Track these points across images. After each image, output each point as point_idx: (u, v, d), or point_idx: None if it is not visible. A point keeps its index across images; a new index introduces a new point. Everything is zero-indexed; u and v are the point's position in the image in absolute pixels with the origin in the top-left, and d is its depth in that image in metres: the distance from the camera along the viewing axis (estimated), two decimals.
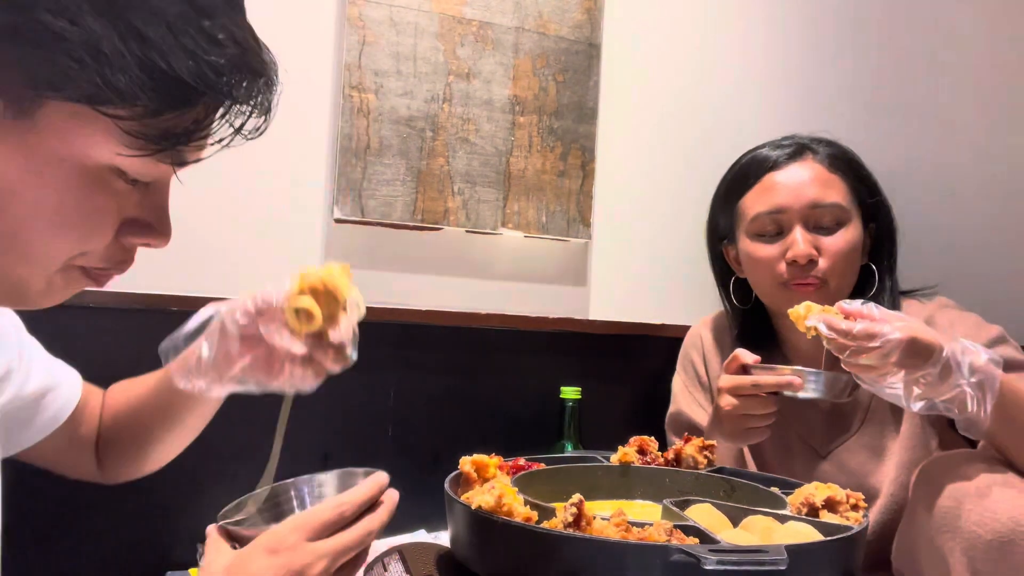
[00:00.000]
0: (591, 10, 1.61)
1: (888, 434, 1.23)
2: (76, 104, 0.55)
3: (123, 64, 0.54)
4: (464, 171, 1.51)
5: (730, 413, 1.15)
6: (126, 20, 0.54)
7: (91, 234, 0.61)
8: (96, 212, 0.60)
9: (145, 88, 0.55)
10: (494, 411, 1.53)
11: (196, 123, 0.59)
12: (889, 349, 0.92)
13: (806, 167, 1.26)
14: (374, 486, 0.74)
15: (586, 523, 0.75)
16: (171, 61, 0.55)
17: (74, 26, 0.53)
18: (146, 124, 0.57)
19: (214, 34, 0.57)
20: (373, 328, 1.47)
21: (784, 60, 1.80)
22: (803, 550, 0.72)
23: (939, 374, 0.92)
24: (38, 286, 0.63)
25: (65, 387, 0.93)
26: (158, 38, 0.55)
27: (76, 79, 0.54)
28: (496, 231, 1.54)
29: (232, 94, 0.59)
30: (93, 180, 0.59)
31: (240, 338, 0.78)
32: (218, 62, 0.57)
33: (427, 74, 1.48)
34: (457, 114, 1.50)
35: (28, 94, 0.54)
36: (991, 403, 0.93)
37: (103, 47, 0.53)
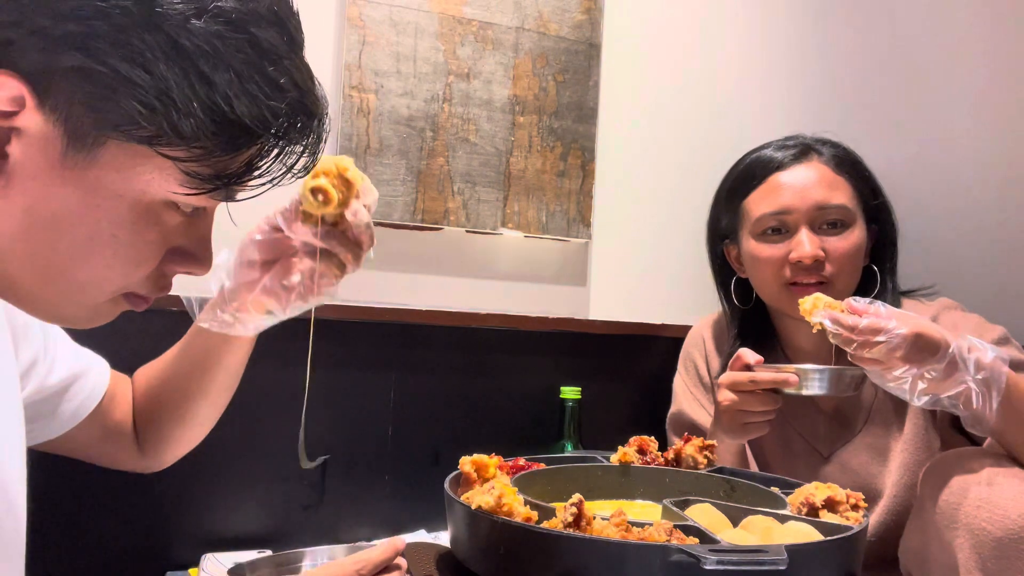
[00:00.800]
0: (591, 10, 1.61)
1: (891, 435, 1.23)
2: (138, 145, 0.57)
3: (189, 109, 0.56)
4: (464, 171, 1.51)
5: (728, 408, 1.15)
6: (196, 67, 0.56)
7: (140, 266, 0.63)
8: (147, 245, 0.62)
9: (207, 131, 0.57)
10: (494, 411, 1.53)
11: (250, 163, 0.61)
12: (895, 344, 0.93)
13: (812, 168, 1.26)
14: (390, 548, 0.76)
15: (586, 523, 0.75)
16: (235, 106, 0.57)
17: (148, 74, 0.55)
18: (203, 164, 0.59)
19: (276, 79, 0.59)
20: (373, 328, 1.48)
21: (784, 60, 1.80)
22: (803, 550, 0.72)
23: (944, 370, 0.93)
24: (85, 314, 0.65)
25: (92, 375, 0.93)
26: (224, 84, 0.56)
27: (143, 122, 0.56)
28: (496, 231, 1.54)
29: (288, 136, 0.61)
30: (146, 214, 0.60)
31: (258, 261, 0.80)
32: (278, 107, 0.59)
33: (427, 74, 1.48)
34: (457, 114, 1.50)
35: (92, 132, 0.56)
36: (997, 400, 0.93)
37: (173, 93, 0.55)
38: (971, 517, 0.89)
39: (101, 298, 0.64)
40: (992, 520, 0.87)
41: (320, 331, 1.46)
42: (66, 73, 0.54)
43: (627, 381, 1.64)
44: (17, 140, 0.56)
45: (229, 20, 0.57)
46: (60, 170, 0.57)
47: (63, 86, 0.55)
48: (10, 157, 0.56)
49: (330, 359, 1.41)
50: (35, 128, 0.56)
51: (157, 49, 0.55)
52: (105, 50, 0.54)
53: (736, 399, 1.14)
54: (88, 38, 0.54)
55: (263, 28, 0.59)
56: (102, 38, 0.54)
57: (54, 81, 0.55)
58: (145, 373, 1.00)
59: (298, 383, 1.42)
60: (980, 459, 0.97)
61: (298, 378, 1.41)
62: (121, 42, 0.54)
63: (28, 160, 0.56)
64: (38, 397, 0.86)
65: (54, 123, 0.56)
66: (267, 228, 0.81)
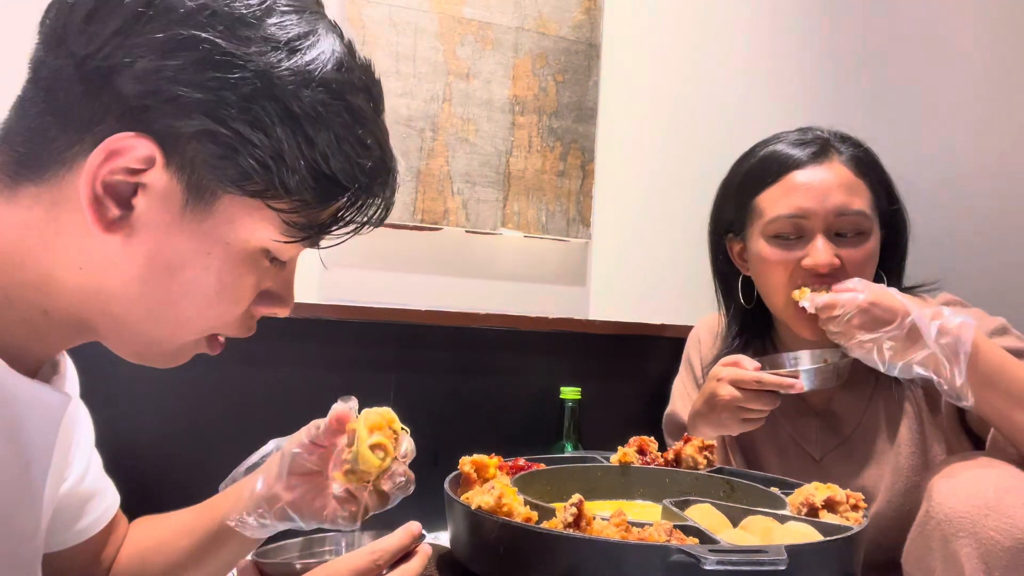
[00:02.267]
0: (591, 10, 1.61)
1: (885, 439, 1.23)
2: (250, 198, 0.64)
3: (296, 166, 0.63)
4: (464, 171, 1.51)
5: (729, 404, 1.15)
6: (303, 130, 0.63)
7: (236, 305, 0.69)
8: (245, 288, 0.68)
9: (307, 185, 0.64)
10: (494, 411, 1.53)
11: (336, 213, 0.68)
12: (847, 314, 1.03)
13: (832, 170, 1.19)
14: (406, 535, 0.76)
15: (586, 523, 0.75)
16: (331, 163, 0.64)
17: (266, 136, 0.62)
18: (300, 215, 0.66)
19: (365, 140, 0.67)
20: (373, 328, 1.48)
21: (784, 60, 1.80)
22: (803, 550, 0.72)
23: (906, 337, 1.00)
24: (171, 350, 0.71)
25: (109, 496, 0.92)
26: (324, 144, 0.64)
27: (257, 179, 0.63)
28: (496, 231, 1.54)
29: (372, 190, 0.69)
30: (248, 260, 0.67)
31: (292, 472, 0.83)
32: (365, 164, 0.67)
33: (427, 74, 1.48)
34: (457, 114, 1.50)
35: (211, 188, 0.63)
36: (964, 363, 0.98)
37: (284, 153, 0.62)
38: (979, 526, 0.88)
39: (195, 336, 0.70)
40: (1000, 529, 0.86)
41: (320, 331, 1.46)
42: (194, 135, 0.61)
43: (627, 381, 1.64)
44: (143, 194, 0.62)
45: (330, 89, 0.64)
46: (179, 221, 0.63)
47: (189, 147, 0.61)
48: (136, 209, 0.62)
49: (330, 359, 1.42)
50: (160, 184, 0.62)
51: (274, 115, 0.62)
52: (231, 115, 0.61)
53: (739, 395, 1.14)
54: (218, 105, 0.60)
55: (356, 95, 0.66)
56: (230, 106, 0.60)
57: (181, 142, 0.61)
58: (144, 532, 0.97)
59: (299, 382, 1.42)
60: (987, 467, 0.96)
61: (300, 377, 1.42)
62: (245, 108, 0.61)
63: (151, 212, 0.62)
64: (65, 500, 0.84)
65: (178, 180, 0.62)
66: (306, 442, 0.84)
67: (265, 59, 0.62)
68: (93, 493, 0.90)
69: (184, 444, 1.32)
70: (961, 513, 0.90)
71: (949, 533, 0.91)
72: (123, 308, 0.66)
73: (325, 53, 0.65)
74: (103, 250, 0.63)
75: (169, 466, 1.30)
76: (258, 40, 0.62)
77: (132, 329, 0.67)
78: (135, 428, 1.29)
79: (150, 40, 0.59)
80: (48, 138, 0.62)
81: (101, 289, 0.65)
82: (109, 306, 0.66)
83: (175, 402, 1.32)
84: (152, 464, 1.28)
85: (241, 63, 0.61)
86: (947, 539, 0.91)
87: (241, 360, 1.34)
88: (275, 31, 0.63)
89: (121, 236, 0.62)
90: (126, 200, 0.62)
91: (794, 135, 1.27)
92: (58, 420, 0.71)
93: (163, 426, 1.32)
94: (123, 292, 0.65)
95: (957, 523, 0.90)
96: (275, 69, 0.62)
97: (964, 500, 0.91)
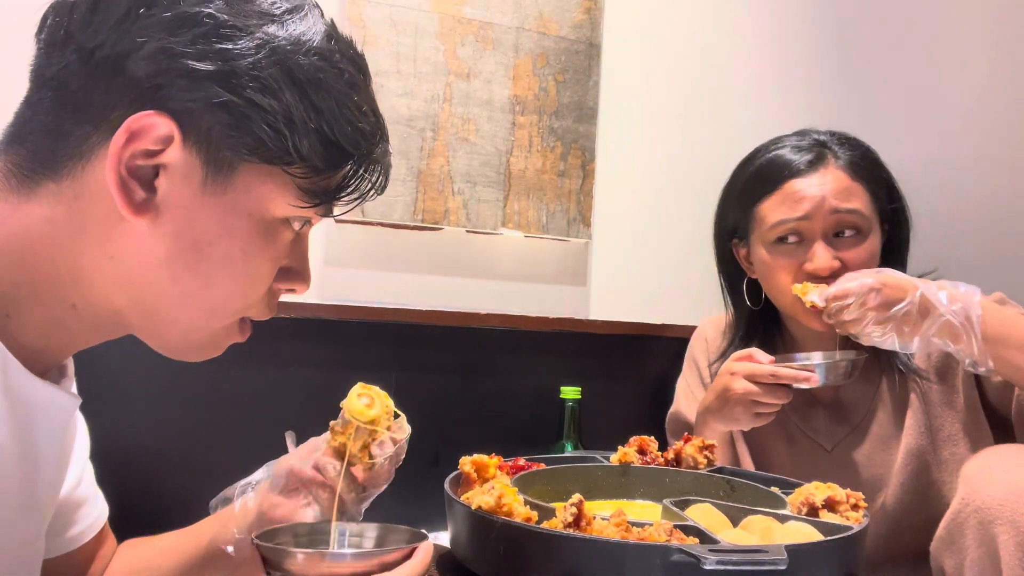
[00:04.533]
0: (591, 10, 1.61)
1: (895, 424, 1.24)
2: (266, 165, 0.66)
3: (306, 131, 0.65)
4: (464, 171, 1.51)
5: (743, 397, 1.16)
6: (308, 96, 0.65)
7: (262, 282, 0.71)
8: (267, 262, 0.70)
9: (317, 151, 0.66)
10: (494, 411, 1.53)
11: (345, 180, 0.71)
12: (862, 296, 1.04)
13: (828, 175, 1.22)
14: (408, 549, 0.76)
15: (586, 523, 0.75)
16: (335, 129, 0.67)
17: (276, 101, 0.64)
18: (312, 182, 0.68)
19: (361, 106, 0.69)
20: (373, 328, 1.48)
21: (784, 59, 1.80)
22: (803, 550, 0.72)
23: (918, 310, 1.02)
24: (205, 338, 0.72)
25: (99, 506, 0.92)
26: (328, 110, 0.66)
27: (272, 145, 0.64)
28: (496, 231, 1.54)
29: (373, 155, 0.71)
30: (268, 231, 0.69)
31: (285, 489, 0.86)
32: (366, 129, 0.70)
33: (427, 74, 1.48)
34: (457, 114, 1.50)
35: (229, 158, 0.64)
36: (978, 326, 1.01)
37: (295, 118, 0.64)
38: (1016, 512, 0.89)
39: (226, 320, 0.71)
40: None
41: (320, 331, 1.46)
42: (209, 108, 0.62)
43: (627, 381, 1.64)
44: (164, 175, 0.63)
45: (325, 56, 0.67)
46: (201, 197, 0.65)
47: (204, 120, 0.63)
48: (159, 191, 0.63)
49: (330, 359, 1.42)
50: (179, 161, 0.63)
51: (281, 81, 0.64)
52: (242, 84, 0.62)
53: (753, 389, 1.16)
54: (228, 75, 0.62)
55: (346, 64, 0.69)
56: (239, 74, 0.62)
57: (196, 116, 0.62)
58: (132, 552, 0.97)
59: (299, 382, 1.42)
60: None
61: (300, 377, 1.42)
62: (254, 76, 0.63)
63: (174, 191, 0.64)
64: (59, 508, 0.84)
65: (196, 154, 0.63)
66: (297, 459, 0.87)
67: (264, 29, 0.64)
68: (84, 501, 0.89)
69: (184, 444, 1.32)
70: (1000, 500, 0.91)
71: (986, 520, 0.92)
72: (155, 294, 0.67)
73: (315, 25, 0.67)
74: (131, 236, 0.64)
75: (169, 466, 1.30)
76: (255, 13, 0.64)
77: (165, 317, 0.69)
78: (135, 429, 1.29)
79: (155, 21, 0.61)
80: (62, 133, 0.63)
81: (133, 277, 0.66)
82: (142, 294, 0.67)
83: (175, 402, 1.32)
84: (152, 465, 1.28)
85: (244, 33, 0.63)
86: (984, 525, 0.92)
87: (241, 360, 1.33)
88: (268, 6, 0.65)
89: (148, 219, 0.63)
90: (149, 183, 0.63)
91: (792, 140, 1.29)
92: (66, 423, 0.72)
93: (163, 426, 1.32)
94: (155, 277, 0.66)
95: (995, 510, 0.91)
96: (275, 39, 0.64)
97: (1003, 488, 0.92)
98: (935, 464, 1.20)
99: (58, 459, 0.74)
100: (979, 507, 0.93)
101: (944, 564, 1.00)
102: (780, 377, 1.15)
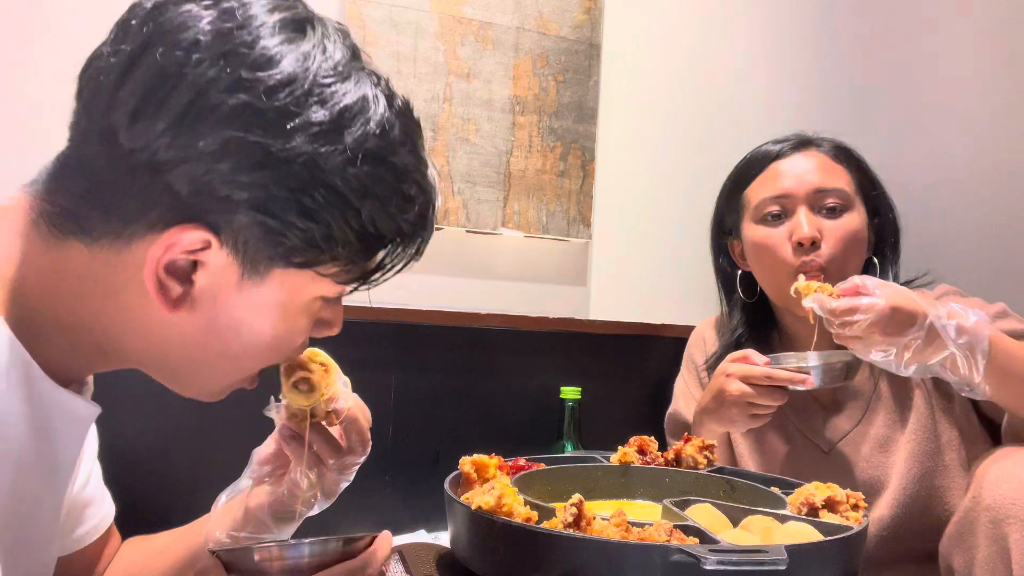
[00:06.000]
0: (591, 10, 1.61)
1: (894, 426, 1.24)
2: (300, 269, 0.66)
3: (346, 240, 0.65)
4: (464, 171, 1.51)
5: (738, 399, 1.16)
6: (350, 203, 0.64)
7: (291, 349, 0.74)
8: (299, 336, 0.72)
9: (355, 249, 0.67)
10: (494, 411, 1.53)
11: (382, 261, 0.71)
12: (871, 319, 0.99)
13: (810, 156, 1.29)
14: None
15: (586, 523, 0.75)
16: (377, 225, 0.66)
17: (315, 223, 0.63)
18: (348, 271, 0.69)
19: (409, 193, 0.68)
20: (373, 328, 1.48)
21: (784, 59, 1.80)
22: (803, 550, 0.72)
23: (925, 339, 0.99)
24: (222, 389, 0.75)
25: (106, 505, 0.93)
26: (370, 211, 0.65)
27: (309, 257, 0.65)
28: (496, 231, 1.54)
29: (415, 234, 0.71)
30: (301, 311, 0.70)
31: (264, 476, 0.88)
32: (410, 215, 0.69)
33: (427, 74, 1.48)
34: (457, 114, 1.50)
35: (264, 262, 0.65)
36: (982, 362, 0.99)
37: (335, 233, 0.64)
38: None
39: (250, 375, 0.74)
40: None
41: None
42: (247, 225, 0.63)
43: (627, 381, 1.64)
44: (202, 270, 0.64)
45: (376, 158, 0.64)
46: (236, 290, 0.66)
47: (243, 234, 0.63)
48: (196, 284, 0.64)
49: None
50: (218, 262, 0.64)
51: (322, 200, 0.63)
52: (280, 207, 0.62)
53: (749, 391, 1.15)
54: (267, 200, 0.62)
55: (399, 152, 0.66)
56: (278, 199, 0.62)
57: (233, 228, 0.63)
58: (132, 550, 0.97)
59: None
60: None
61: None
62: (294, 200, 0.62)
63: (210, 285, 0.65)
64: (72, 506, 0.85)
65: (234, 256, 0.64)
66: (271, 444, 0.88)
67: (311, 147, 0.62)
68: (92, 500, 0.90)
69: (189, 443, 1.32)
70: (1012, 499, 0.92)
71: (997, 518, 0.92)
72: (182, 362, 0.69)
73: (369, 120, 0.64)
74: (162, 317, 0.65)
75: (175, 465, 1.30)
76: (302, 128, 0.61)
77: (187, 379, 0.72)
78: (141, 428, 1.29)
79: (197, 142, 0.60)
80: (99, 211, 0.63)
81: (160, 346, 0.68)
82: (168, 361, 0.69)
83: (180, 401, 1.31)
84: (158, 464, 1.28)
85: (288, 158, 0.61)
86: (996, 523, 0.93)
87: None
88: (318, 114, 0.62)
89: (184, 311, 0.65)
90: (186, 276, 0.64)
91: (778, 138, 1.36)
92: (85, 431, 0.73)
93: (169, 425, 1.32)
94: (183, 353, 0.68)
95: (1008, 509, 0.92)
96: (321, 156, 0.62)
97: (1014, 487, 0.93)
98: (935, 468, 1.20)
99: (73, 465, 0.75)
100: (990, 505, 0.93)
101: (953, 562, 1.00)
102: (775, 379, 1.15)
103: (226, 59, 0.60)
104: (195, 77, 0.60)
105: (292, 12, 0.64)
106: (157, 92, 0.60)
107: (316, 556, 0.73)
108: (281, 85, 0.61)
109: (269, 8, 0.63)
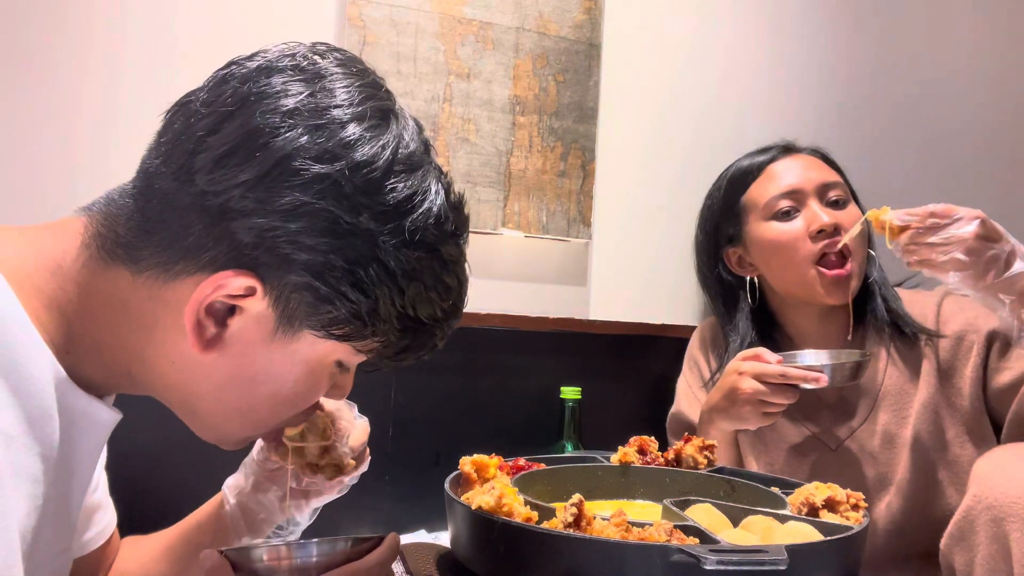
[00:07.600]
0: (591, 10, 1.61)
1: (899, 422, 1.24)
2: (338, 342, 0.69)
3: (388, 319, 0.68)
4: (464, 171, 1.51)
5: (752, 397, 1.16)
6: (397, 284, 0.67)
7: (304, 408, 0.75)
8: (316, 396, 0.74)
9: (393, 330, 0.69)
10: (494, 411, 1.53)
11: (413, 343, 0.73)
12: (968, 221, 1.00)
13: (802, 158, 1.35)
14: None
15: (586, 523, 0.75)
16: (418, 310, 0.69)
17: (365, 297, 0.66)
18: (383, 349, 0.71)
19: (450, 283, 0.71)
20: None
21: (784, 59, 1.80)
22: (803, 550, 0.72)
23: (1007, 256, 1.00)
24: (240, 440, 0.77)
25: (111, 510, 0.93)
26: (414, 295, 0.68)
27: (349, 331, 0.68)
28: (496, 231, 1.54)
29: (448, 323, 0.74)
30: (322, 372, 0.72)
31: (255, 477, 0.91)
32: (447, 305, 0.72)
33: (427, 74, 1.48)
34: (457, 114, 1.50)
35: (301, 323, 0.67)
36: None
37: (380, 309, 0.67)
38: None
39: (266, 430, 0.76)
40: None
41: None
42: (298, 285, 0.65)
43: (627, 381, 1.64)
44: (239, 316, 0.66)
45: (428, 246, 0.68)
46: (268, 342, 0.67)
47: (291, 292, 0.65)
48: (230, 327, 0.66)
49: None
50: (256, 310, 0.66)
51: (375, 276, 0.66)
52: (335, 276, 0.65)
53: (762, 389, 1.16)
54: (324, 266, 0.64)
55: (448, 244, 0.70)
56: (335, 268, 0.64)
57: (283, 285, 0.65)
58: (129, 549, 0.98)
59: None
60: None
61: None
62: (349, 271, 0.65)
63: (243, 332, 0.67)
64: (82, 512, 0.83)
65: (272, 309, 0.66)
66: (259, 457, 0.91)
67: (375, 224, 0.65)
68: (99, 506, 0.90)
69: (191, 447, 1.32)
70: (1013, 498, 0.92)
71: (998, 517, 0.92)
72: (204, 405, 0.71)
73: (429, 211, 0.68)
74: (194, 355, 0.67)
75: (175, 469, 1.30)
76: (371, 207, 0.65)
77: (208, 421, 0.73)
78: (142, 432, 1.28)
79: (274, 199, 0.63)
80: (153, 243, 0.65)
81: (187, 385, 0.69)
82: (190, 400, 0.71)
83: None
84: (158, 468, 1.28)
85: (353, 231, 0.64)
86: (996, 522, 0.93)
87: None
88: (387, 197, 0.66)
89: (215, 352, 0.67)
90: (222, 319, 0.66)
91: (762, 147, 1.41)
92: (105, 437, 0.74)
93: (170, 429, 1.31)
94: (206, 393, 0.70)
95: (1008, 507, 0.92)
96: (382, 234, 0.65)
97: (1015, 485, 0.93)
98: (942, 464, 1.20)
99: (93, 468, 0.76)
100: (991, 504, 0.93)
101: (954, 561, 1.00)
102: (789, 377, 1.15)
103: (318, 131, 0.64)
104: (286, 141, 0.63)
105: (381, 102, 0.70)
106: (248, 145, 0.63)
107: (324, 556, 0.73)
108: (362, 165, 0.64)
109: (362, 96, 0.68)
